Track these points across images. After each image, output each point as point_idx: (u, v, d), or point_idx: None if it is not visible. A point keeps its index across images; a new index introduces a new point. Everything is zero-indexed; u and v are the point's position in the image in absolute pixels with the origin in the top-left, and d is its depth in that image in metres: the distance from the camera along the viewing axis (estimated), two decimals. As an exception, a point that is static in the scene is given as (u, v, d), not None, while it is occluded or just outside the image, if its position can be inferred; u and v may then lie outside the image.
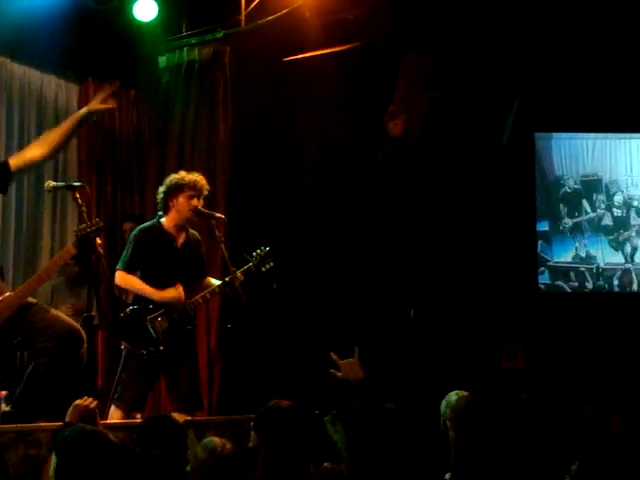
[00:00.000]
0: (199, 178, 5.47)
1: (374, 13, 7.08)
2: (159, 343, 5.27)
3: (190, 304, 5.39)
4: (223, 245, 5.52)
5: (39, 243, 7.21)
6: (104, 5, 6.71)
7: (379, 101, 7.65)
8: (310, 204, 7.62)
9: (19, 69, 7.15)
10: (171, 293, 5.33)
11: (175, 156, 7.38)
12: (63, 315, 5.03)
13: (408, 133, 7.26)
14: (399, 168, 7.61)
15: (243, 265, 5.51)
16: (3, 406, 5.00)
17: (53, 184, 5.13)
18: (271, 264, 5.57)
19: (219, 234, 5.55)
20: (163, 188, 5.47)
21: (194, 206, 5.40)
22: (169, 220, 5.45)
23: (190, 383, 5.41)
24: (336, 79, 7.30)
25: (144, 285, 5.34)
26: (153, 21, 7.03)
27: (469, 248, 8.13)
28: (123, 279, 5.37)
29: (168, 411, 5.42)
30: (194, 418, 5.20)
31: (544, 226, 8.85)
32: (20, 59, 7.12)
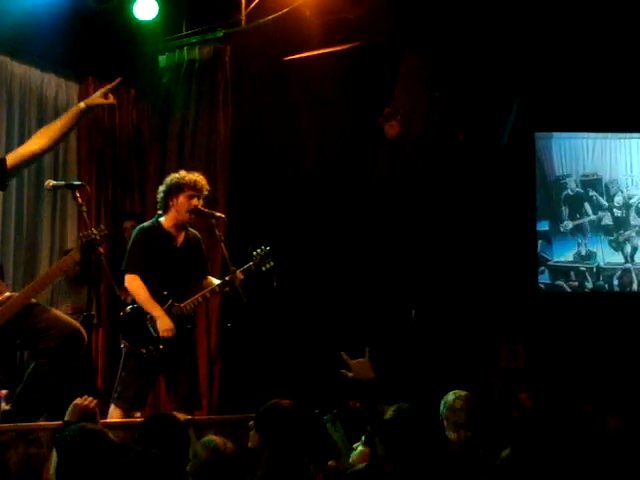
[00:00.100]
0: (199, 178, 5.45)
1: (374, 13, 7.08)
2: (159, 342, 5.25)
3: (190, 303, 5.38)
4: (223, 244, 5.52)
5: (39, 242, 7.21)
6: (104, 4, 6.72)
7: (379, 100, 7.64)
8: (310, 204, 7.62)
9: (19, 68, 7.16)
10: (168, 324, 5.23)
11: (175, 155, 7.38)
12: (65, 315, 5.01)
13: (405, 134, 7.24)
14: (397, 169, 7.59)
15: (243, 264, 5.51)
16: (3, 405, 5.00)
17: (53, 183, 5.11)
18: (271, 264, 5.56)
19: (219, 233, 5.54)
20: (163, 187, 5.46)
21: (194, 206, 5.39)
22: (169, 219, 5.44)
23: (189, 382, 5.39)
24: (336, 78, 7.30)
25: (149, 298, 5.27)
26: (153, 20, 7.05)
27: (469, 248, 8.13)
28: (132, 283, 5.31)
29: (169, 410, 5.42)
30: (194, 417, 5.20)
31: (544, 226, 8.85)
32: (20, 58, 7.13)
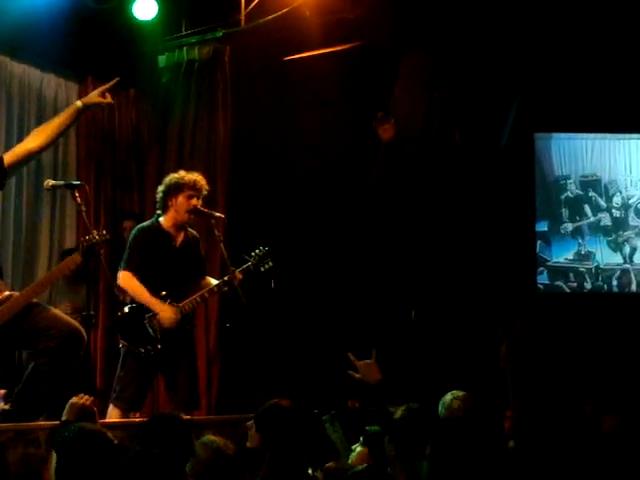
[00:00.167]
0: (199, 178, 5.45)
1: (374, 13, 7.07)
2: (157, 342, 5.25)
3: (188, 303, 5.38)
4: (222, 245, 5.52)
5: (38, 242, 7.21)
6: (104, 4, 6.72)
7: (379, 101, 7.64)
8: (310, 204, 7.62)
9: (19, 68, 7.16)
10: (170, 313, 5.26)
11: (174, 155, 7.38)
12: (64, 315, 5.01)
13: (400, 137, 7.24)
14: (392, 173, 7.59)
15: (242, 265, 5.51)
16: (2, 405, 5.00)
17: (52, 183, 5.11)
18: (270, 264, 5.56)
19: (218, 234, 5.54)
20: (162, 187, 5.45)
21: (193, 206, 5.39)
22: (168, 219, 5.43)
23: (188, 382, 5.39)
24: (336, 78, 7.29)
25: (146, 292, 5.29)
26: (153, 20, 7.05)
27: (468, 248, 8.13)
28: (126, 281, 5.32)
29: (169, 410, 5.42)
30: (192, 417, 5.20)
31: (543, 226, 8.84)
32: (20, 58, 7.13)
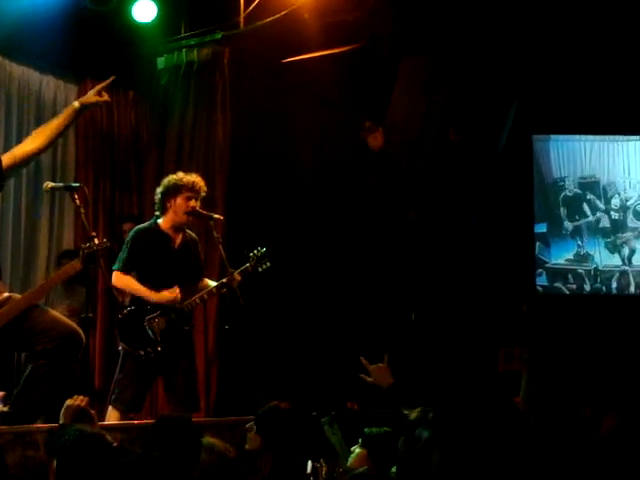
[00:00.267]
0: (197, 179, 5.46)
1: (373, 15, 7.08)
2: (157, 344, 5.26)
3: (187, 305, 5.39)
4: (221, 246, 5.52)
5: (37, 243, 7.21)
6: (103, 6, 6.73)
7: (378, 103, 7.65)
8: (309, 205, 7.62)
9: (18, 69, 7.16)
10: (167, 295, 5.32)
11: (173, 157, 7.39)
12: (63, 316, 5.01)
13: (391, 146, 7.23)
14: (383, 181, 7.59)
15: (241, 266, 5.51)
16: (0, 407, 5.00)
17: (51, 185, 5.11)
18: (268, 264, 5.57)
19: (217, 235, 5.54)
20: (161, 189, 5.46)
21: (192, 207, 5.40)
22: (166, 221, 5.44)
23: (187, 384, 5.40)
24: (335, 81, 7.29)
25: (140, 286, 5.33)
26: (152, 22, 7.06)
27: (467, 250, 8.13)
28: (120, 279, 5.36)
29: (168, 411, 5.42)
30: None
31: (542, 228, 8.84)
32: (19, 59, 7.13)
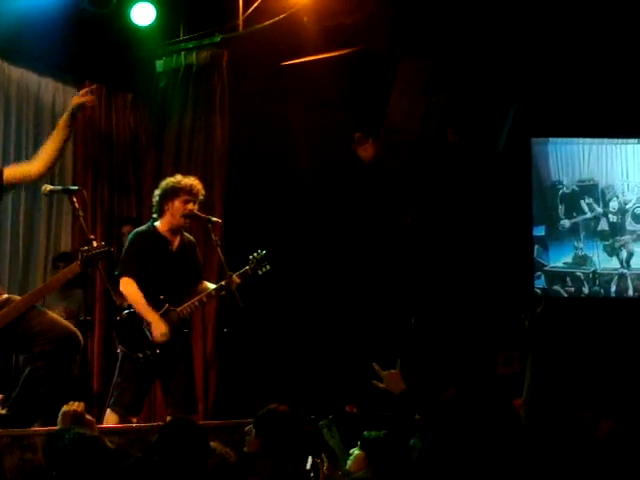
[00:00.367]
0: (195, 182, 5.45)
1: (372, 18, 7.09)
2: (155, 346, 5.25)
3: (186, 308, 5.37)
4: (219, 249, 5.52)
5: (35, 247, 7.21)
6: (102, 9, 6.73)
7: (377, 105, 7.65)
8: (307, 208, 7.62)
9: (16, 71, 7.16)
10: (163, 329, 5.22)
11: (172, 160, 7.39)
12: (61, 318, 5.00)
13: (379, 157, 7.23)
14: (376, 192, 7.60)
15: (240, 269, 5.51)
16: (-1, 409, 4.99)
17: (50, 188, 5.11)
18: (268, 267, 5.56)
19: (215, 238, 5.54)
20: (159, 191, 5.45)
21: (190, 210, 5.39)
22: (164, 224, 5.43)
23: (186, 387, 5.39)
24: (333, 83, 7.30)
25: (144, 302, 5.26)
26: (151, 25, 7.06)
27: (465, 253, 8.13)
28: (127, 286, 5.30)
29: (164, 414, 5.42)
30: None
31: (540, 231, 8.83)
32: (18, 61, 7.14)
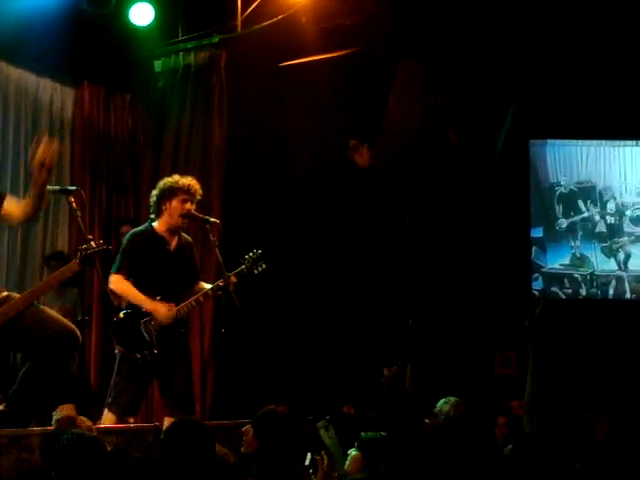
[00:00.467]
0: (193, 182, 5.45)
1: (370, 19, 7.09)
2: (153, 347, 5.24)
3: (183, 307, 5.37)
4: (217, 250, 5.51)
5: (31, 247, 7.20)
6: (101, 9, 6.73)
7: (375, 106, 7.66)
8: (305, 208, 7.63)
9: (15, 72, 7.16)
10: (163, 309, 5.25)
11: (170, 160, 7.39)
12: (59, 316, 4.99)
13: (376, 163, 7.22)
14: (372, 199, 7.60)
15: (236, 269, 5.50)
16: (-4, 407, 4.98)
17: (48, 188, 5.10)
18: (263, 266, 5.55)
19: (213, 238, 5.53)
20: (156, 192, 5.44)
21: (187, 210, 5.38)
22: (162, 224, 5.42)
23: (183, 387, 5.38)
24: (332, 84, 7.31)
25: (137, 292, 5.29)
26: (149, 25, 7.06)
27: (463, 254, 8.13)
28: (117, 283, 5.33)
29: (162, 415, 5.42)
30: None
31: (538, 232, 8.85)
32: (16, 62, 7.13)
